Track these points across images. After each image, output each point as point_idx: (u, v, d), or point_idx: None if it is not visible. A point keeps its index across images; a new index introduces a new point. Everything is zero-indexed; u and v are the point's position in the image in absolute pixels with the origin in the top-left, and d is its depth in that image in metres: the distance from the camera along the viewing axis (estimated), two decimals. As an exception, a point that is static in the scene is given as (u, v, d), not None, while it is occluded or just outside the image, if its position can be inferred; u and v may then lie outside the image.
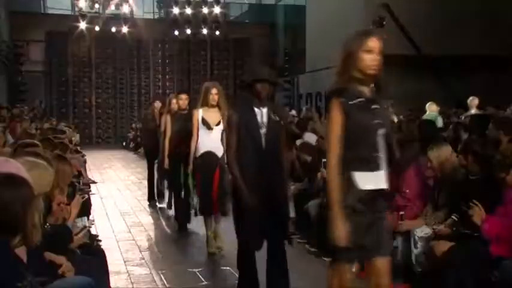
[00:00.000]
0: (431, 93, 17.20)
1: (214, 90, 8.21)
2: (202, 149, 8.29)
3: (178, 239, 9.48)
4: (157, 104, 12.91)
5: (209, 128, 8.23)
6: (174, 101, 10.58)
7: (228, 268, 7.55)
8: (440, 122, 12.07)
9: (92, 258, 5.23)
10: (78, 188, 7.76)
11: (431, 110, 14.33)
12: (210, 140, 8.26)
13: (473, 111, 13.66)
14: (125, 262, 8.08)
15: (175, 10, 31.14)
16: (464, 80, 20.01)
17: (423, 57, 21.30)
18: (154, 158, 12.66)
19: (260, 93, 6.04)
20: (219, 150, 8.19)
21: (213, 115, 8.26)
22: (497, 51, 20.65)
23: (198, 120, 8.27)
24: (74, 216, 5.39)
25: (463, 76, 20.20)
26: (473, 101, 14.30)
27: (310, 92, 26.99)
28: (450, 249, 6.01)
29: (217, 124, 8.23)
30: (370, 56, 4.25)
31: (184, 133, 9.14)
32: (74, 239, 5.13)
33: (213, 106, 8.21)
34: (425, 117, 12.88)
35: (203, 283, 7.10)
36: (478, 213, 5.77)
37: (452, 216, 6.42)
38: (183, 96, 10.26)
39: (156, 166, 12.93)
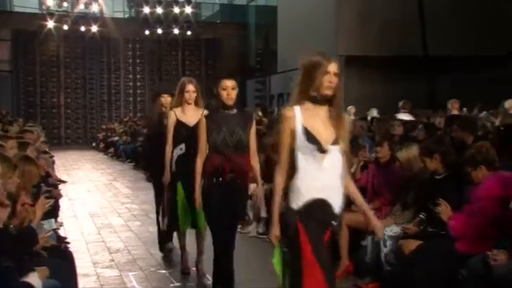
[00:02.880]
0: (404, 94, 17.29)
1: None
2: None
3: (149, 241, 9.39)
4: (166, 99, 8.55)
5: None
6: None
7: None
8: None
9: (59, 261, 5.21)
10: (43, 189, 7.60)
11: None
12: None
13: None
14: (93, 264, 8.02)
15: (146, 9, 31.15)
16: (435, 80, 20.18)
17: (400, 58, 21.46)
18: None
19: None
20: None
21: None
22: (467, 52, 20.79)
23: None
24: (39, 217, 5.31)
25: (433, 77, 20.35)
26: (453, 104, 14.48)
27: (282, 92, 27.04)
28: (418, 248, 6.10)
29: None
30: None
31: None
32: (39, 241, 5.04)
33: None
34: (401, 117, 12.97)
35: (173, 284, 7.10)
36: (445, 211, 5.87)
37: (420, 215, 6.52)
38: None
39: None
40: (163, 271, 7.66)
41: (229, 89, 5.87)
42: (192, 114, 7.20)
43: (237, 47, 33.83)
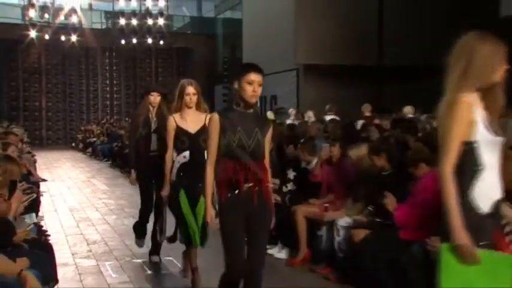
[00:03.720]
0: (354, 99, 17.42)
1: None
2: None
3: (124, 233, 9.35)
4: (155, 98, 7.33)
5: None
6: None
7: (170, 258, 7.53)
8: (359, 124, 12.26)
9: (40, 252, 5.16)
10: (18, 183, 7.52)
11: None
12: None
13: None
14: (72, 255, 7.98)
15: (122, 21, 30.89)
16: (384, 87, 20.34)
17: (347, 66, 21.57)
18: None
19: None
20: None
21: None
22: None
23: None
24: (14, 210, 5.28)
25: (382, 84, 20.51)
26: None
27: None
28: (367, 236, 6.23)
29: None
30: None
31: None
32: (16, 232, 5.03)
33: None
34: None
35: (146, 273, 7.10)
36: (390, 203, 5.98)
37: (369, 207, 6.65)
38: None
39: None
40: (138, 260, 7.63)
41: (255, 84, 4.55)
42: (192, 120, 6.12)
43: (205, 56, 33.80)
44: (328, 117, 13.80)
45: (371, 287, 6.00)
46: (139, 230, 7.67)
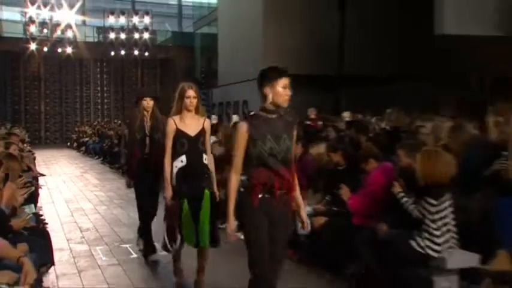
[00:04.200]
0: (316, 104, 17.48)
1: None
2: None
3: (113, 221, 9.33)
4: (148, 103, 6.70)
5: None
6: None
7: (154, 243, 7.42)
8: (319, 125, 12.33)
9: (37, 238, 5.13)
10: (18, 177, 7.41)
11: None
12: None
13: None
14: (67, 240, 7.92)
15: (112, 35, 30.92)
16: (341, 93, 20.46)
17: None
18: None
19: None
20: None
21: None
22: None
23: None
24: (6, 198, 5.18)
25: (340, 91, 20.61)
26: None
27: (221, 101, 27.27)
28: (325, 223, 6.25)
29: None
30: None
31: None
32: (10, 219, 4.98)
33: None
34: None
35: (133, 256, 7.04)
36: (345, 193, 6.01)
37: (327, 197, 6.67)
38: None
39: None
40: (125, 245, 7.57)
41: (287, 89, 4.03)
42: (191, 123, 5.44)
43: (185, 66, 33.69)
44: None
45: (328, 265, 6.05)
46: (147, 244, 6.90)
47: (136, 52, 31.60)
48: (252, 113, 4.15)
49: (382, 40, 20.75)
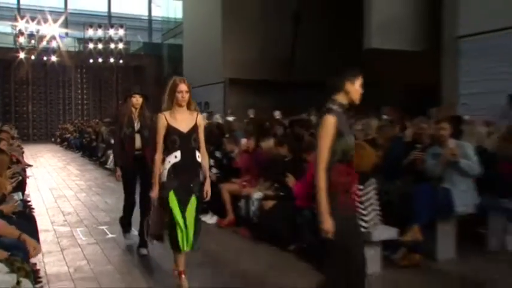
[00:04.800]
0: (268, 106, 17.57)
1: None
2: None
3: (92, 207, 9.20)
4: (137, 100, 6.02)
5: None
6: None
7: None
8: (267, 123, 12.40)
9: (25, 221, 5.05)
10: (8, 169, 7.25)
11: (276, 114, 15.05)
12: None
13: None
14: (52, 223, 7.81)
15: (91, 45, 30.56)
16: (292, 96, 20.57)
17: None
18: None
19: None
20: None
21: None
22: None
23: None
24: None
25: (291, 93, 20.72)
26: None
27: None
28: (273, 206, 6.33)
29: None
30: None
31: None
32: (1, 205, 4.91)
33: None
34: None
35: (109, 236, 6.98)
36: (290, 180, 6.06)
37: (275, 184, 6.70)
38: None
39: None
40: (102, 227, 7.49)
41: (361, 87, 3.45)
42: (184, 118, 4.51)
43: (155, 72, 33.45)
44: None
45: (276, 241, 6.10)
46: (124, 224, 6.48)
47: (112, 60, 31.19)
48: (328, 107, 3.40)
49: (327, 50, 21.00)
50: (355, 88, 3.42)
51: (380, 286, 4.80)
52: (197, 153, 4.51)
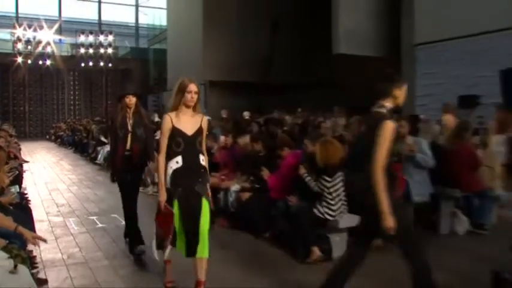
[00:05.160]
0: (245, 106, 17.52)
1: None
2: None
3: (83, 199, 9.09)
4: (131, 100, 5.31)
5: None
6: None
7: (115, 215, 7.29)
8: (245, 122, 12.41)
9: (21, 212, 5.02)
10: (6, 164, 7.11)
11: (245, 114, 14.96)
12: None
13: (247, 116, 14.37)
14: (46, 214, 7.70)
15: (82, 50, 30.33)
16: (265, 97, 20.60)
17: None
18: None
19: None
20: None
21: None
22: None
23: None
24: None
25: (264, 94, 20.75)
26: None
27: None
28: (249, 197, 6.30)
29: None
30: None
31: None
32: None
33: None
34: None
35: (98, 225, 6.88)
36: (265, 174, 6.05)
37: (251, 178, 6.68)
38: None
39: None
40: (92, 217, 7.39)
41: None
42: (189, 120, 3.96)
43: (141, 75, 33.21)
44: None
45: (252, 230, 6.09)
46: (134, 237, 5.34)
47: (101, 64, 30.96)
48: (377, 111, 3.38)
49: (301, 55, 21.05)
50: (401, 94, 3.42)
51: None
52: (201, 157, 3.97)
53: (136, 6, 37.43)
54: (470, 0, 12.26)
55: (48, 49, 29.94)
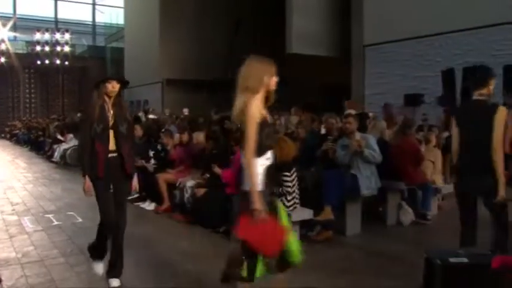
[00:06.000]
0: (200, 103, 17.46)
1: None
2: None
3: (38, 197, 8.79)
4: (114, 86, 3.90)
5: None
6: None
7: (72, 213, 7.13)
8: (201, 119, 12.29)
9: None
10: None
11: (184, 111, 15.05)
12: None
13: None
14: (0, 213, 7.40)
15: (38, 48, 29.30)
16: (219, 95, 20.49)
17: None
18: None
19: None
20: None
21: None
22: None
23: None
24: None
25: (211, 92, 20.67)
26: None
27: (126, 100, 26.58)
28: (205, 193, 6.28)
29: None
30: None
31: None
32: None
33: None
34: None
35: (55, 223, 6.65)
36: (217, 170, 6.08)
37: (206, 174, 6.66)
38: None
39: None
40: (48, 215, 7.16)
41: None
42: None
43: (98, 73, 32.33)
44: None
45: (208, 225, 6.06)
46: (97, 250, 4.16)
47: (58, 62, 30.04)
48: (480, 99, 3.69)
49: (258, 53, 21.07)
50: (493, 84, 3.70)
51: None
52: None
53: (93, 4, 36.60)
54: (413, 5, 12.73)
55: (3, 46, 28.73)
